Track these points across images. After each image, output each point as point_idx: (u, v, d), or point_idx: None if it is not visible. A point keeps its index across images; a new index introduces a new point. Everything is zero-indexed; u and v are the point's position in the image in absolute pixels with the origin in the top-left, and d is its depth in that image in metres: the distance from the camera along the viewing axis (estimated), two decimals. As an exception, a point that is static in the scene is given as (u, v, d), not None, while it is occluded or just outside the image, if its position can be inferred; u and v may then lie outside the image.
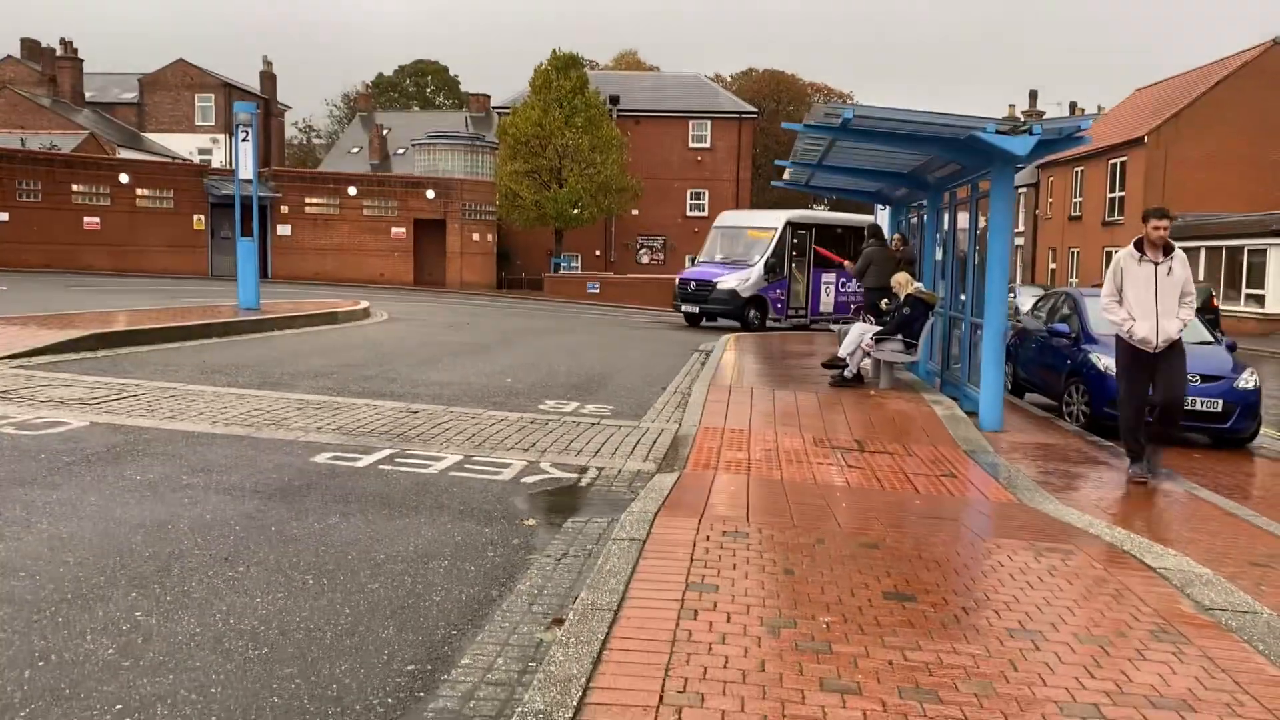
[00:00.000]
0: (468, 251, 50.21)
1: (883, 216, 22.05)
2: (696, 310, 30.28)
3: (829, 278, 32.09)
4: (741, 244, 31.43)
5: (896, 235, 17.62)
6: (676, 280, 31.26)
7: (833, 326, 23.03)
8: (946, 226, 15.55)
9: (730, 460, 9.31)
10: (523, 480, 8.49)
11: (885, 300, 15.26)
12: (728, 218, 33.57)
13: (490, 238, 51.79)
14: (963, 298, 14.57)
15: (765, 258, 30.39)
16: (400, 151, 69.20)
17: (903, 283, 14.55)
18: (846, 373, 14.43)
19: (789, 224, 31.08)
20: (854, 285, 31.23)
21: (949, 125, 12.15)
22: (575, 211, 52.28)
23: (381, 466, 8.64)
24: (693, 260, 33.92)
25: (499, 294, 48.59)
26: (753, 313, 29.91)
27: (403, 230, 49.11)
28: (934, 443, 10.70)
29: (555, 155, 52.05)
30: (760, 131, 75.18)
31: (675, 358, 19.40)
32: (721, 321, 31.43)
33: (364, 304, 25.97)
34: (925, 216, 17.14)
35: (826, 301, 32.31)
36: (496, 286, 53.15)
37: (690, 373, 16.81)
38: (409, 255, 49.49)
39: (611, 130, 53.69)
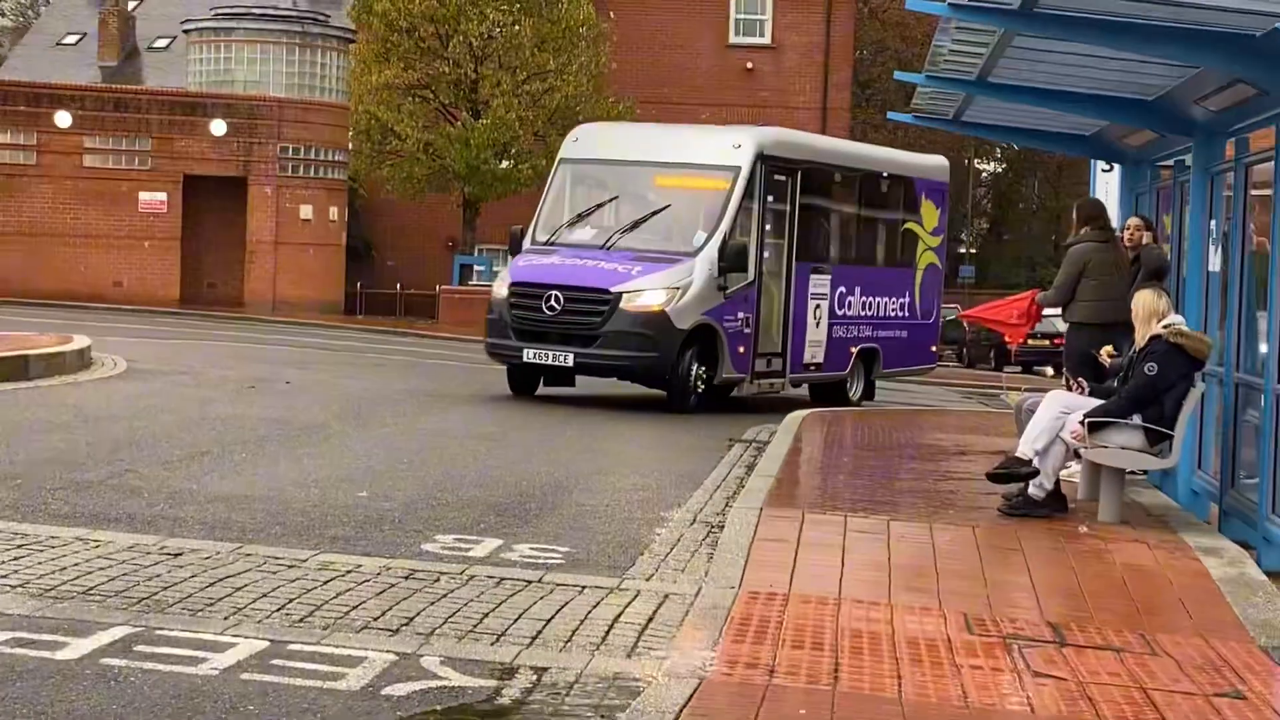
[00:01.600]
0: (290, 240, 33.21)
1: (1108, 184, 16.72)
2: (567, 361, 15.85)
3: (820, 287, 18.52)
4: (642, 201, 17.42)
5: (1134, 220, 12.85)
6: (503, 289, 16.70)
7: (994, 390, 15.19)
8: (1232, 206, 11.27)
9: (801, 658, 6.80)
10: (386, 692, 6.15)
11: (1108, 348, 10.87)
12: (602, 138, 18.83)
13: (335, 214, 34.32)
14: (1263, 347, 10.55)
15: (722, 233, 16.25)
16: (161, 44, 44.18)
17: (1151, 313, 10.33)
18: (1033, 489, 10.48)
19: (762, 158, 17.00)
20: (859, 307, 19.58)
21: (1248, 10, 8.41)
22: (504, 165, 33.31)
23: (108, 661, 6.23)
24: (516, 239, 17.50)
25: (350, 323, 33.77)
26: (691, 364, 16.17)
27: (161, 196, 32.37)
28: (1204, 631, 7.67)
29: (466, 54, 33.19)
30: (869, 15, 49.06)
31: (692, 450, 14.09)
32: (584, 385, 17.72)
33: (80, 342, 18.20)
34: (1190, 184, 12.27)
35: (814, 338, 18.48)
36: (346, 309, 35.85)
37: (724, 481, 12.14)
38: (173, 245, 32.65)
39: (578, 7, 34.08)
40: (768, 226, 17.22)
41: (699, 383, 16.27)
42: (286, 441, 13.06)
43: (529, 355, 16.05)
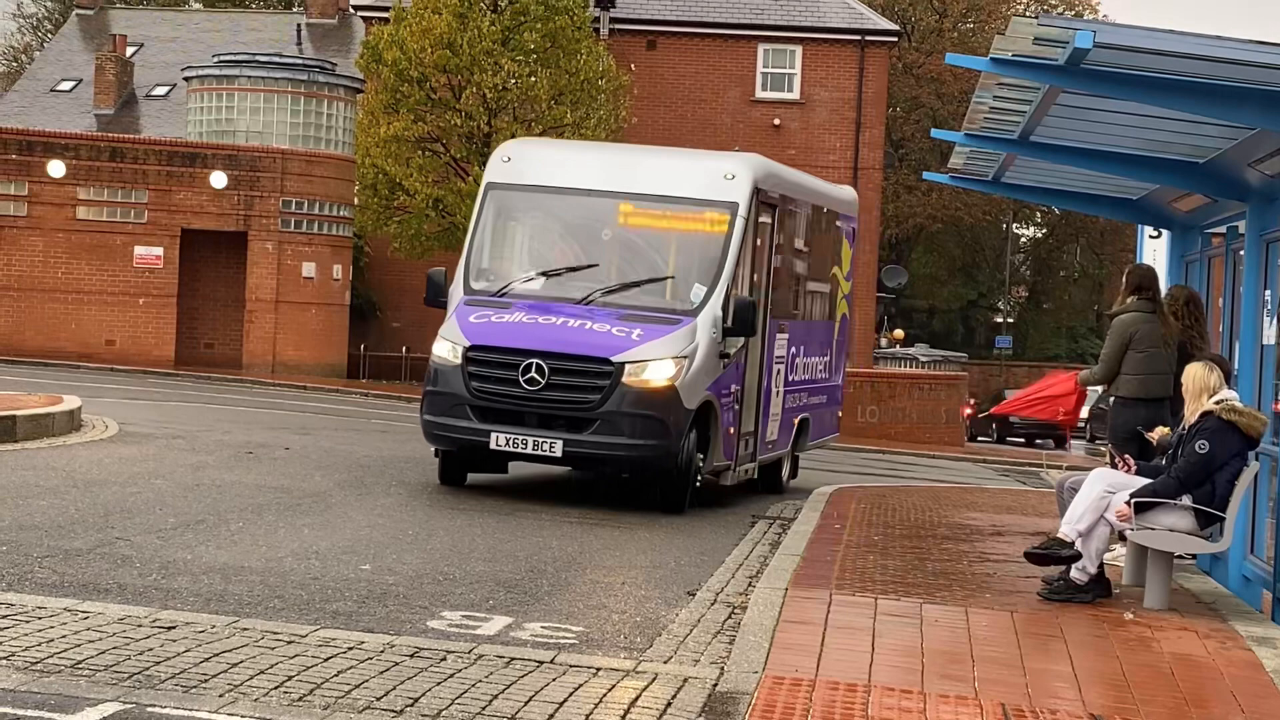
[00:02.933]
0: (291, 299, 31.75)
1: (1156, 250, 15.94)
2: (554, 450, 12.85)
3: (781, 348, 15.53)
4: (607, 242, 14.41)
5: (1176, 288, 12.32)
6: (453, 354, 13.09)
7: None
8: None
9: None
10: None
11: (1163, 429, 10.44)
12: (542, 159, 14.92)
13: (339, 272, 32.78)
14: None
15: (724, 286, 13.32)
16: (160, 91, 42.61)
17: (1202, 388, 9.94)
18: (1075, 573, 9.84)
19: (757, 191, 14.10)
20: (802, 370, 16.48)
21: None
22: None
23: (98, 742, 6.10)
24: (438, 286, 13.88)
25: (353, 387, 32.74)
26: (693, 451, 13.17)
27: (157, 251, 30.96)
28: (1259, 728, 7.30)
29: (479, 106, 31.73)
30: (903, 71, 47.17)
31: (714, 527, 13.49)
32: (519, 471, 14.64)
33: (70, 403, 17.50)
34: (1243, 251, 12.13)
35: (775, 410, 15.47)
36: (349, 373, 34.19)
37: (747, 559, 11.63)
38: (169, 303, 31.14)
39: (597, 59, 32.74)
40: (755, 276, 14.11)
41: (699, 464, 13.20)
42: (285, 510, 12.50)
43: (499, 442, 12.70)
